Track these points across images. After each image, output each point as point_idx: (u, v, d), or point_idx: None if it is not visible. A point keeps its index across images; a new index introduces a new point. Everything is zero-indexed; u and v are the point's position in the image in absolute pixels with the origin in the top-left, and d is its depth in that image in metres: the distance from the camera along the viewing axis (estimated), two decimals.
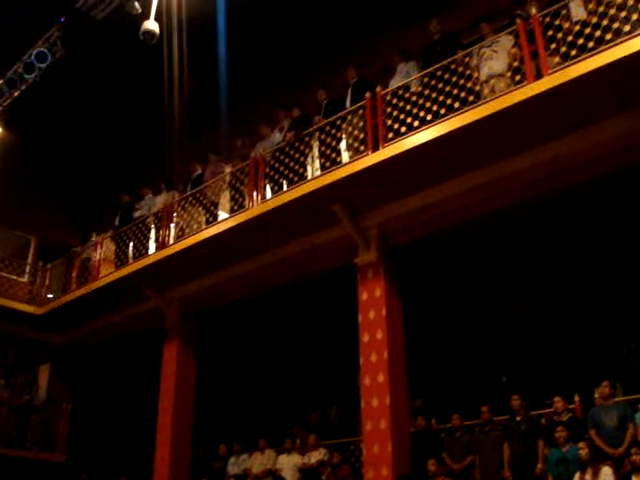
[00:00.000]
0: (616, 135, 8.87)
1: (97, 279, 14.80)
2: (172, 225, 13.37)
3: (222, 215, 12.55)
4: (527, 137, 9.26)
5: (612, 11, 8.52)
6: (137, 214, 15.04)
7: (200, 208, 12.92)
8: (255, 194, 11.61)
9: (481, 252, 11.57)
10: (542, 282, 12.33)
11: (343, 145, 10.78)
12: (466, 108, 9.13)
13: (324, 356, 14.73)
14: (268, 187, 11.68)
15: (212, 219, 12.52)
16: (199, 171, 14.08)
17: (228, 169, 13.01)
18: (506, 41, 9.65)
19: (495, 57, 9.58)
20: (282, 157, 11.47)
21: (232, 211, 12.08)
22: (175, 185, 15.02)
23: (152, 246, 13.91)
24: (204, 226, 12.56)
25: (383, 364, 10.20)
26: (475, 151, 9.47)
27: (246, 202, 11.78)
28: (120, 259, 14.51)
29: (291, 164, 11.25)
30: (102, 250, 15.16)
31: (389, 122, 9.97)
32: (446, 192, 10.12)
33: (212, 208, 12.65)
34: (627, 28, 8.24)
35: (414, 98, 9.91)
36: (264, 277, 12.62)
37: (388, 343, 10.28)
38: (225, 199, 12.63)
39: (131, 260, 14.14)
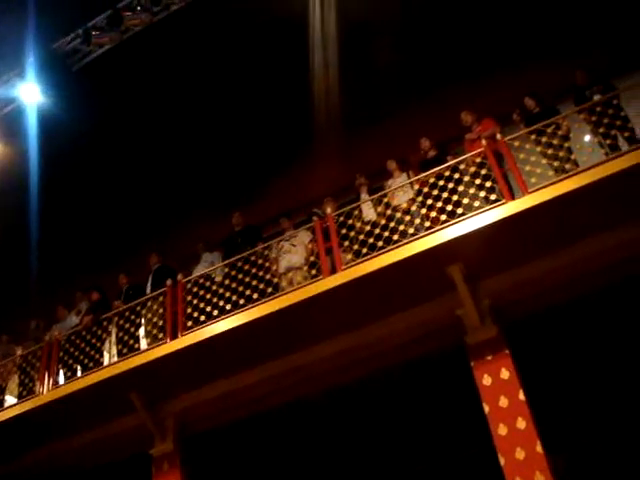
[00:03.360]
0: (410, 326, 9.43)
1: None
2: None
3: (9, 400, 11.73)
4: (325, 327, 9.57)
5: (398, 214, 9.32)
6: None
7: None
8: (47, 379, 11.02)
9: (281, 442, 11.47)
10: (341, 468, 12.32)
11: (142, 332, 10.62)
12: (264, 299, 9.40)
13: None
14: (61, 372, 11.15)
15: None
16: None
17: (19, 351, 12.34)
18: (304, 236, 10.19)
19: (293, 251, 10.05)
20: (78, 341, 11.07)
21: (20, 397, 11.34)
22: None
23: None
24: None
25: None
26: (274, 341, 9.62)
27: (36, 387, 11.10)
28: None
29: (87, 349, 10.87)
30: None
31: (189, 310, 10.02)
32: (244, 381, 10.13)
33: None
34: (411, 230, 9.01)
35: (214, 287, 10.07)
36: (57, 467, 11.70)
37: None
38: (14, 383, 11.86)
39: None
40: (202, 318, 9.82)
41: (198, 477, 10.59)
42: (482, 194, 8.96)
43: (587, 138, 9.69)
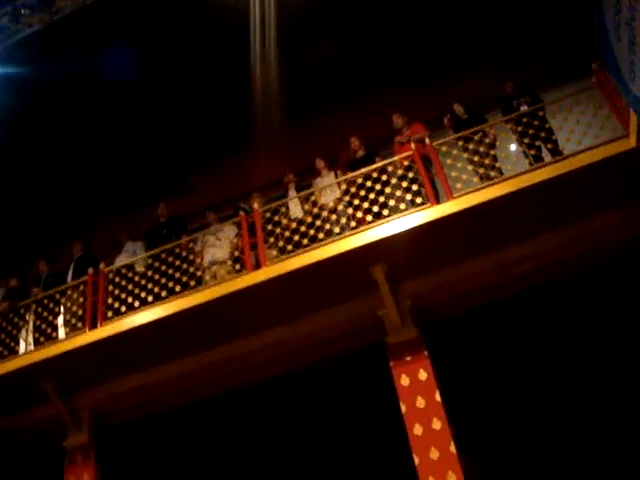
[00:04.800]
0: (333, 324, 9.49)
1: None
2: None
3: None
4: (247, 323, 9.54)
5: (325, 213, 9.36)
6: None
7: None
8: None
9: (200, 436, 11.43)
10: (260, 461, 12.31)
11: (60, 320, 10.38)
12: (187, 292, 9.32)
13: None
14: None
15: None
16: None
17: None
18: (230, 230, 10.13)
19: (218, 245, 9.98)
20: None
21: None
22: None
23: None
24: None
25: None
26: (195, 334, 9.52)
27: None
28: None
29: (2, 336, 10.54)
30: None
31: (110, 300, 9.85)
32: (165, 374, 9.99)
33: None
34: (337, 229, 9.07)
35: (137, 278, 9.94)
36: None
37: None
38: None
39: None
40: (123, 309, 9.68)
41: (113, 470, 10.40)
42: (408, 197, 9.08)
43: (513, 147, 9.92)
